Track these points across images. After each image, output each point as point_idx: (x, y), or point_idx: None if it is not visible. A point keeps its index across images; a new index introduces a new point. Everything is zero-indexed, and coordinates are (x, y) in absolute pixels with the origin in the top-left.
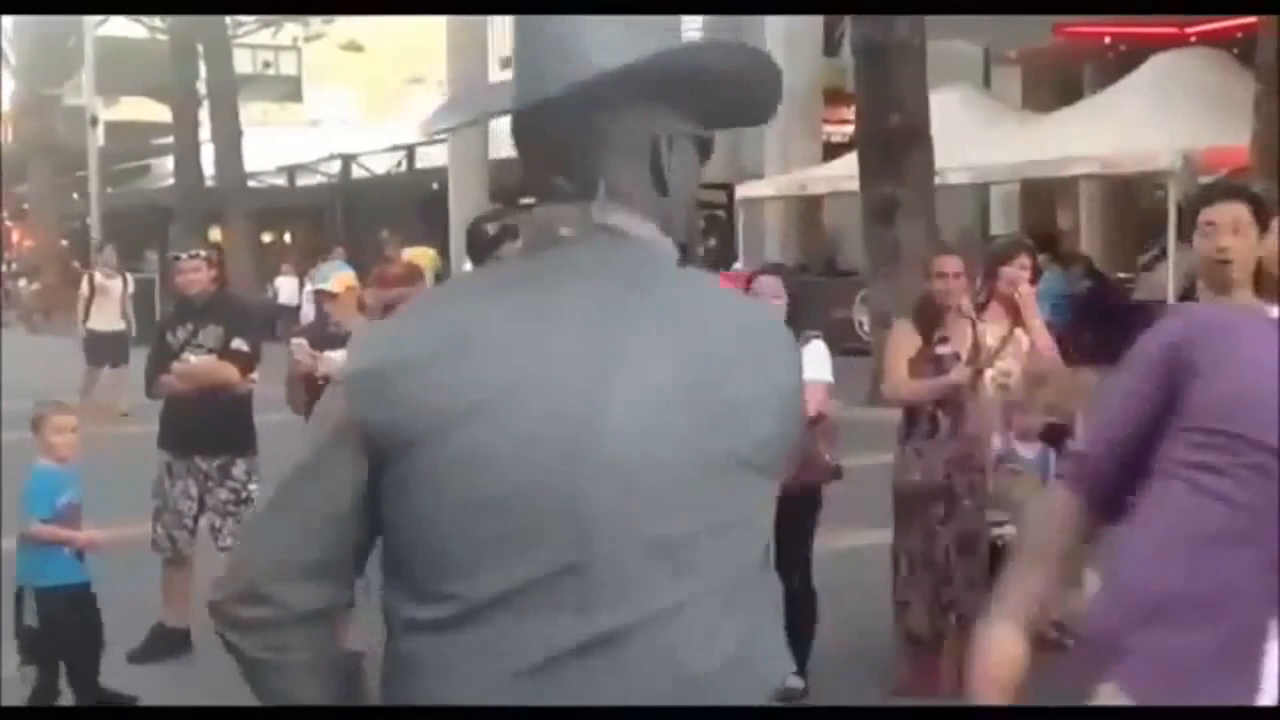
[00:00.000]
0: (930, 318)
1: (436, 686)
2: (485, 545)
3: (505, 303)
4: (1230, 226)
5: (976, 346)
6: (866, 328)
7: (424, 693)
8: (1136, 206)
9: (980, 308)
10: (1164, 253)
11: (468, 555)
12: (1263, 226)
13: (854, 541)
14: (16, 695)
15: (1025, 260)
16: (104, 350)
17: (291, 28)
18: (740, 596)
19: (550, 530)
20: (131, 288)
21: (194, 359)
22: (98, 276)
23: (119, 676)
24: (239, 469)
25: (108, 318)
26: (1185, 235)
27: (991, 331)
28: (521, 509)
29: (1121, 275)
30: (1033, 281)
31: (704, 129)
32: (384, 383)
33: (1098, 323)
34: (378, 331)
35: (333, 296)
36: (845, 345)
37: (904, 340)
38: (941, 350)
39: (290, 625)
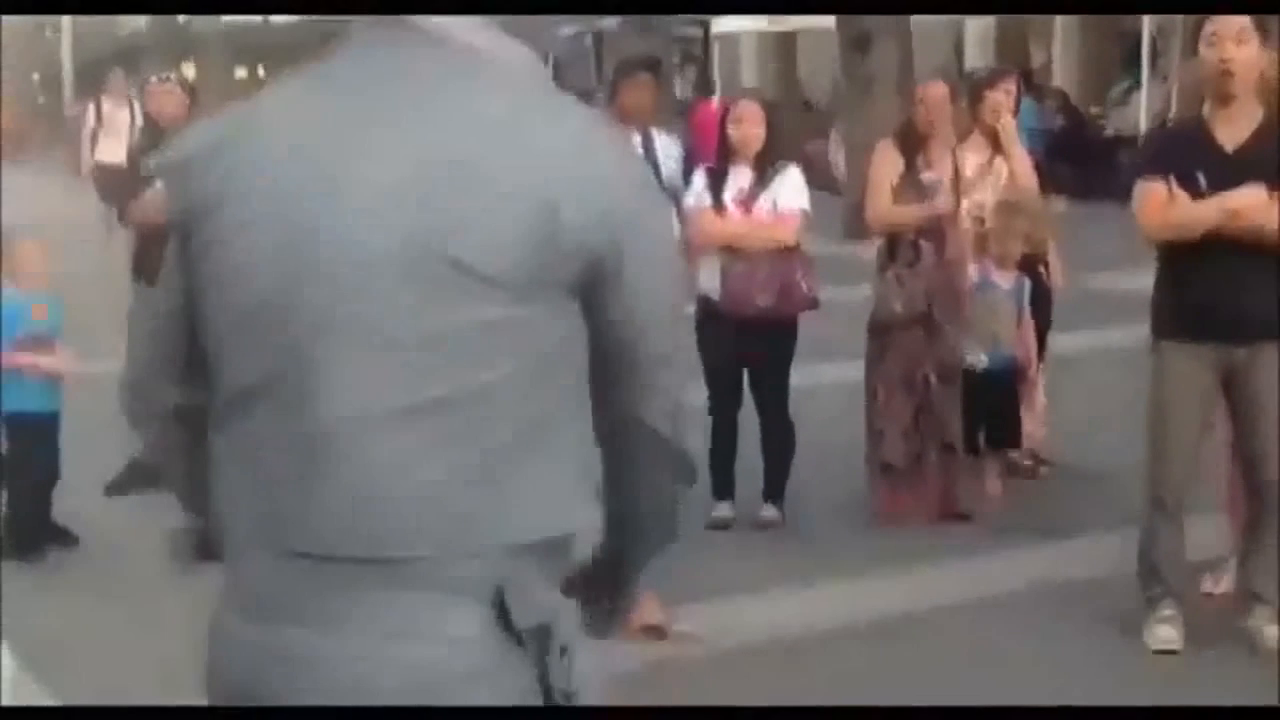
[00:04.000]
0: (914, 142)
1: (220, 482)
2: (233, 341)
3: (293, 100)
4: (1234, 37)
5: (958, 174)
6: (841, 166)
7: (214, 490)
8: (1111, 40)
9: (961, 136)
10: (1137, 85)
11: (223, 350)
12: (1264, 37)
13: (829, 375)
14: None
15: (1010, 85)
16: (115, 185)
17: None
18: (468, 427)
19: (274, 326)
20: (140, 119)
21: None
22: (105, 105)
23: (95, 506)
24: None
25: (114, 149)
26: (1158, 68)
27: (970, 162)
28: (258, 302)
29: (1094, 109)
30: (1014, 112)
31: None
32: (178, 173)
33: (1071, 157)
34: (194, 126)
35: None
36: (817, 181)
37: (887, 163)
38: (927, 176)
39: (167, 419)
